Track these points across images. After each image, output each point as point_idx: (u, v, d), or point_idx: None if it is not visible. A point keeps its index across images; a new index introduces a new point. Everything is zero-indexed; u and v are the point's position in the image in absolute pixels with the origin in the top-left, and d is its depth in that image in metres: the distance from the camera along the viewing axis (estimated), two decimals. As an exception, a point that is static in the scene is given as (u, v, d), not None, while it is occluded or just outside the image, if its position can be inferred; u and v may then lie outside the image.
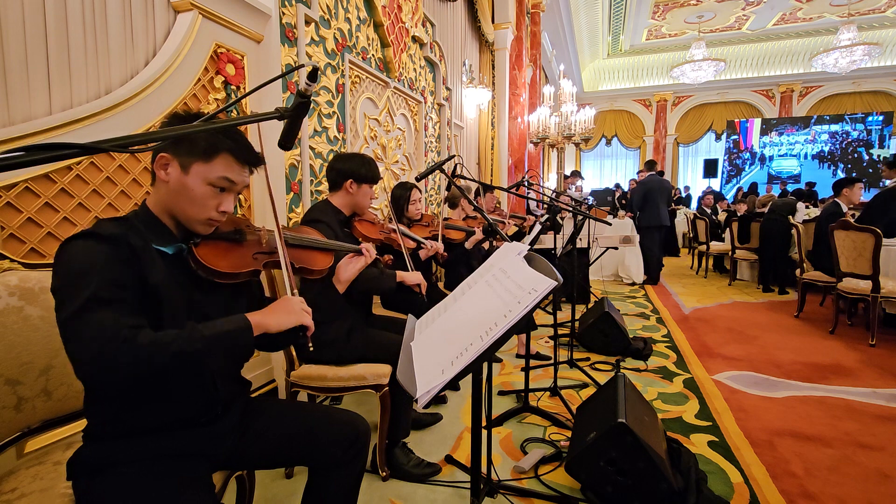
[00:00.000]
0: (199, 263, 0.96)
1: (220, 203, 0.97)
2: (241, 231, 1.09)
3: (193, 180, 0.93)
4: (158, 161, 0.93)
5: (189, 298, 0.96)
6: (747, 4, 9.61)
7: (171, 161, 0.93)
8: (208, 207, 0.96)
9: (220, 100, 2.01)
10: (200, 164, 0.93)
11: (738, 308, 4.73)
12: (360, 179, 1.85)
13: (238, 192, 1.01)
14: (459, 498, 1.66)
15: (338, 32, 2.98)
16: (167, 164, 0.94)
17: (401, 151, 3.98)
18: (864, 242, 3.46)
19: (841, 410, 2.35)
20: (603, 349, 3.25)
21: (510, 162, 6.80)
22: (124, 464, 0.90)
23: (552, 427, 2.17)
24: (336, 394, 1.74)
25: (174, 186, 0.94)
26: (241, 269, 1.02)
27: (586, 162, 14.91)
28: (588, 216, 2.78)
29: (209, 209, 0.96)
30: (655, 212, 5.90)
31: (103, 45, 1.63)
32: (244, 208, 2.19)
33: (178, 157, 0.93)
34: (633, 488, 1.53)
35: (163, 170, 0.94)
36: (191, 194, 0.94)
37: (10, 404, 1.05)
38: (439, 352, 0.90)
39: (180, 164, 0.93)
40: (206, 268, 0.96)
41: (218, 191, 0.96)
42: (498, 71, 6.55)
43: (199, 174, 0.93)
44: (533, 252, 1.08)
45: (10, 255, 1.32)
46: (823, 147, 11.80)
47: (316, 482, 1.15)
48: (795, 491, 1.69)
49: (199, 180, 0.94)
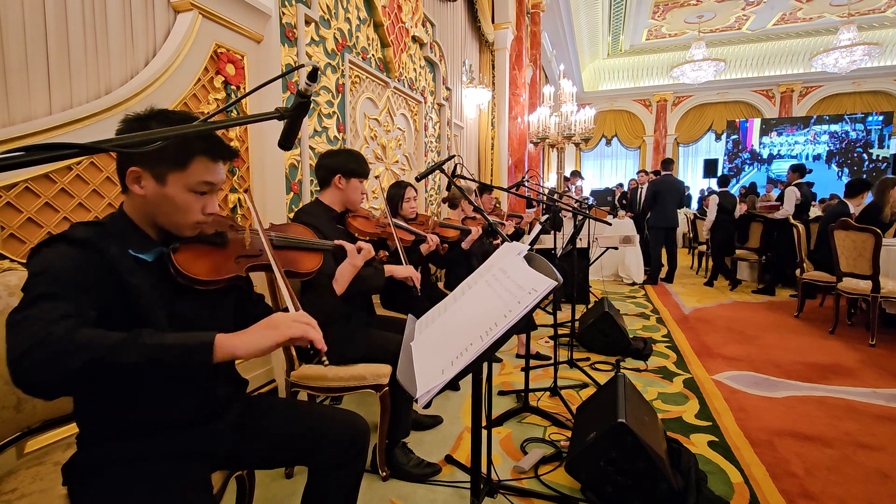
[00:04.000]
0: (178, 271, 0.92)
1: (205, 205, 0.94)
2: (223, 234, 1.04)
3: (173, 189, 0.89)
4: (129, 175, 0.88)
5: (170, 307, 0.93)
6: (747, 4, 9.60)
7: (142, 174, 0.88)
8: (194, 212, 0.93)
9: (220, 100, 2.01)
10: (177, 173, 0.89)
11: (738, 308, 4.73)
12: (349, 174, 1.84)
13: (219, 190, 0.98)
14: (459, 498, 1.66)
15: (338, 32, 2.98)
16: (139, 177, 0.88)
17: (401, 151, 3.98)
18: (864, 242, 3.45)
19: (841, 410, 2.35)
20: (603, 349, 3.24)
21: (510, 162, 6.80)
22: (121, 466, 0.90)
23: (552, 427, 2.17)
24: (336, 394, 1.74)
25: (153, 199, 0.90)
26: (221, 276, 0.98)
27: (586, 162, 14.90)
28: (588, 216, 2.78)
29: (194, 213, 0.93)
30: (664, 212, 5.89)
31: (103, 45, 1.63)
32: (244, 209, 2.19)
33: (151, 169, 0.88)
34: (633, 488, 1.53)
35: (136, 184, 0.89)
36: (173, 203, 0.90)
37: (10, 404, 1.05)
38: (439, 352, 0.90)
39: (154, 175, 0.88)
40: (184, 275, 0.92)
41: (199, 194, 0.93)
42: (498, 71, 6.54)
43: (178, 182, 0.89)
44: (533, 252, 1.08)
45: (10, 256, 1.32)
46: (823, 148, 11.79)
47: (316, 482, 1.15)
48: (795, 491, 1.69)
49: (180, 188, 0.90)
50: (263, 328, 0.82)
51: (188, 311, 0.96)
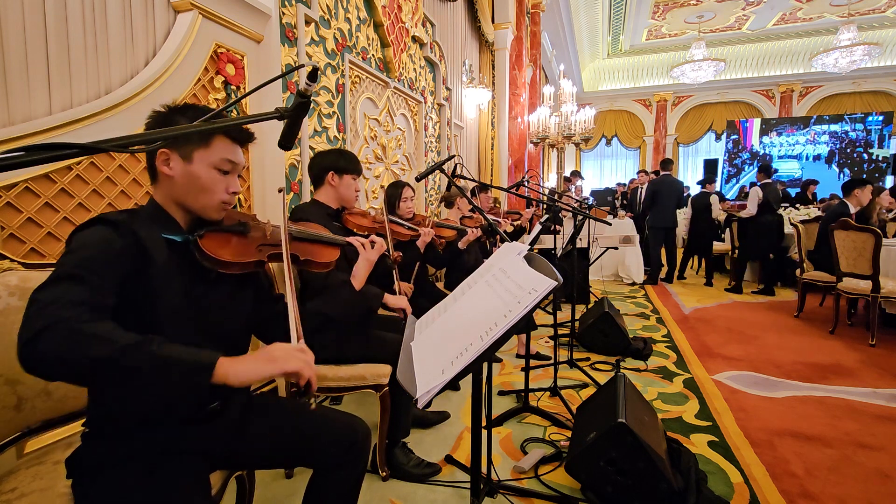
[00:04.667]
0: (204, 254, 0.97)
1: (228, 185, 1.00)
2: (245, 224, 1.11)
3: (199, 167, 0.96)
4: (159, 157, 0.95)
5: (187, 290, 0.96)
6: (747, 4, 9.60)
7: (170, 155, 0.95)
8: (218, 190, 0.99)
9: (220, 100, 2.01)
10: (201, 150, 0.95)
11: (738, 308, 4.73)
12: (341, 171, 1.87)
13: (238, 173, 1.04)
14: (459, 498, 1.66)
15: (338, 32, 2.98)
16: (168, 158, 0.95)
17: (401, 151, 3.98)
18: (864, 242, 3.46)
19: (841, 410, 2.35)
20: (603, 349, 3.25)
21: (510, 162, 6.80)
22: (123, 462, 0.90)
23: (552, 427, 2.17)
24: (336, 394, 1.74)
25: (181, 179, 0.96)
26: (245, 259, 1.04)
27: (586, 162, 14.90)
28: (588, 216, 2.78)
29: (219, 192, 0.99)
30: (663, 212, 5.90)
31: (103, 45, 1.63)
32: (244, 208, 2.19)
33: (178, 150, 0.95)
34: (633, 488, 1.53)
35: (165, 165, 0.95)
36: (199, 182, 0.96)
37: (10, 404, 1.05)
38: (439, 352, 0.90)
39: (181, 155, 0.95)
40: (210, 258, 0.98)
41: (223, 173, 0.99)
42: (498, 71, 6.54)
43: (203, 159, 0.96)
44: (533, 252, 1.08)
45: (10, 255, 1.32)
46: (823, 148, 11.79)
47: (316, 483, 1.15)
48: (795, 491, 1.69)
49: (204, 165, 0.96)
50: (262, 360, 0.81)
51: (207, 296, 1.00)
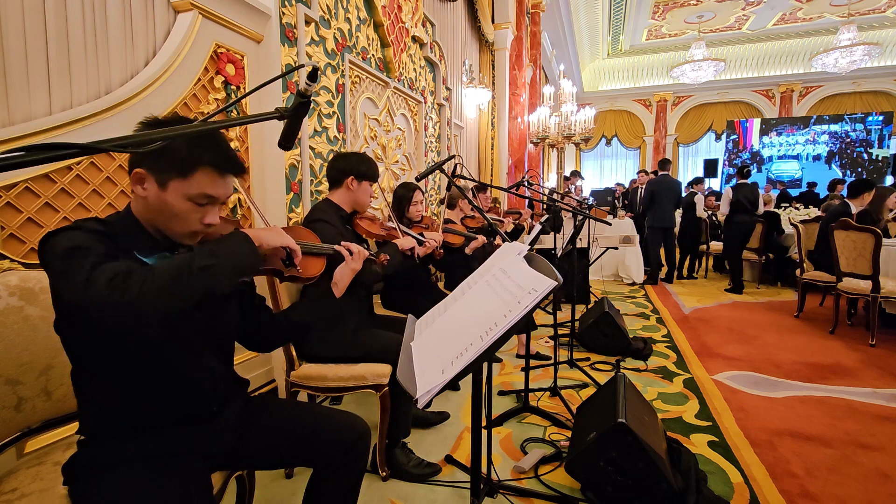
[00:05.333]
0: None
1: (204, 216, 0.92)
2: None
3: (172, 196, 0.88)
4: (134, 176, 0.88)
5: None
6: (747, 4, 9.60)
7: (146, 177, 0.88)
8: (191, 221, 0.91)
9: (220, 100, 2.01)
10: (178, 181, 0.87)
11: (738, 308, 4.73)
12: (361, 176, 1.90)
13: (223, 203, 0.96)
14: (459, 498, 1.66)
15: (338, 32, 2.98)
16: (143, 179, 0.88)
17: (401, 151, 3.98)
18: (865, 242, 3.46)
19: (841, 410, 2.35)
20: (603, 349, 3.24)
21: (510, 162, 6.80)
22: (121, 465, 0.90)
23: (552, 427, 2.17)
24: (336, 394, 1.74)
25: (153, 203, 0.89)
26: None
27: (586, 162, 14.90)
28: (588, 216, 2.78)
29: (192, 223, 0.92)
30: (661, 213, 5.91)
31: (103, 45, 1.63)
32: (244, 209, 2.19)
33: (154, 174, 0.88)
34: (633, 488, 1.53)
35: (139, 185, 0.89)
36: (172, 210, 0.89)
37: (10, 404, 1.05)
38: (439, 352, 0.90)
39: (157, 180, 0.88)
40: None
41: (199, 206, 0.91)
42: (498, 71, 6.54)
43: (178, 190, 0.88)
44: (533, 252, 1.08)
45: (10, 255, 1.32)
46: (823, 148, 11.78)
47: (316, 482, 1.15)
48: (795, 491, 1.69)
49: (179, 196, 0.88)
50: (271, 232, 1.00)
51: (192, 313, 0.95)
